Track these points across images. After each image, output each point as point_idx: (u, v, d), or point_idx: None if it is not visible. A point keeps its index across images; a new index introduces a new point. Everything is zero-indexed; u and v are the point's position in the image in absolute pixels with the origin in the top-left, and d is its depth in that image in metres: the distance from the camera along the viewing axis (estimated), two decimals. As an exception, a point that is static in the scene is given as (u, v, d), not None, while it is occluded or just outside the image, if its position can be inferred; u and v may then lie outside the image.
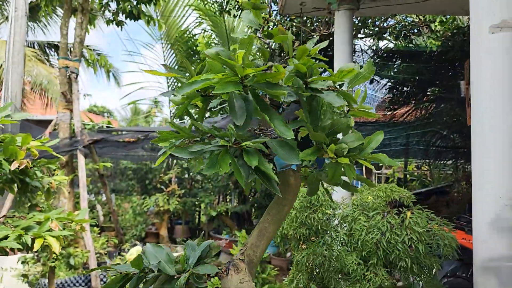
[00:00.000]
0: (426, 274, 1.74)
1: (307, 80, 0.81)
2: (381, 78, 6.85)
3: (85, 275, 4.12)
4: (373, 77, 7.06)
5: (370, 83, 7.28)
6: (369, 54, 6.93)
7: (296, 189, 1.02)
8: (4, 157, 1.47)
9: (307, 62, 0.79)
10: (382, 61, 6.75)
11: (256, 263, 1.04)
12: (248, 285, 0.99)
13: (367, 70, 1.00)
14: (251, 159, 0.74)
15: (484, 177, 1.77)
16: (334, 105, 0.78)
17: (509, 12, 1.73)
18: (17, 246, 1.34)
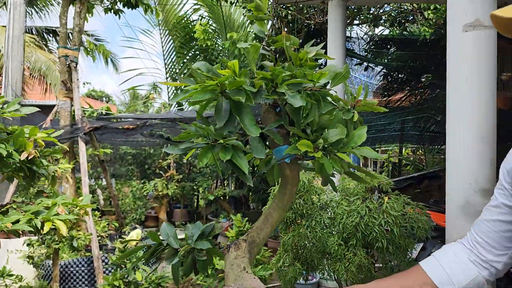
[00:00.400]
0: (402, 254, 1.90)
1: (275, 85, 0.94)
2: (376, 65, 6.96)
3: (87, 257, 4.30)
4: (367, 64, 7.17)
5: (364, 70, 7.40)
6: (364, 40, 7.02)
7: (293, 179, 1.13)
8: (14, 148, 1.61)
9: (275, 70, 0.92)
10: (377, 48, 6.85)
11: (259, 243, 1.18)
12: (241, 261, 1.13)
13: (345, 71, 1.11)
14: (225, 154, 0.88)
15: (457, 166, 1.92)
16: (294, 105, 0.91)
17: (483, 11, 1.85)
18: (29, 229, 1.49)
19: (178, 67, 9.96)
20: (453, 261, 1.13)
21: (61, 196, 1.78)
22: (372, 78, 7.45)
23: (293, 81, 0.95)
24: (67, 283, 4.20)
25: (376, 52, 6.52)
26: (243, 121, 0.87)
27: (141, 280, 3.57)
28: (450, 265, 1.12)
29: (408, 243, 1.87)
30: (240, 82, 0.86)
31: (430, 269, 1.13)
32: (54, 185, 2.13)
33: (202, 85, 0.86)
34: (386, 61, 6.54)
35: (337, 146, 0.99)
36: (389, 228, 1.81)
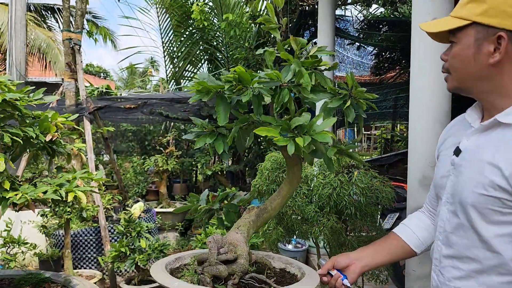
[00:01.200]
0: (369, 219, 2.24)
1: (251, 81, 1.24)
2: (367, 45, 7.19)
3: (95, 227, 4.67)
4: (360, 44, 7.40)
5: (357, 49, 7.63)
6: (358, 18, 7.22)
7: (295, 160, 1.41)
8: (40, 131, 1.92)
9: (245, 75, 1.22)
10: (369, 28, 7.05)
11: (270, 211, 1.46)
12: (243, 222, 1.45)
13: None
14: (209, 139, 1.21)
15: (416, 144, 2.24)
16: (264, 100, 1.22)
17: (440, 10, 2.13)
18: (56, 198, 1.81)
19: (175, 45, 10.13)
20: (419, 226, 1.42)
21: (79, 171, 2.10)
22: (364, 58, 7.68)
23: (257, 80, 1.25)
24: (77, 250, 4.58)
25: (368, 33, 6.74)
26: (218, 113, 1.19)
27: (145, 247, 3.93)
28: (418, 229, 1.41)
29: (374, 210, 2.22)
30: (219, 87, 1.17)
31: (404, 235, 1.41)
32: (69, 162, 2.45)
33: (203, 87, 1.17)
34: (377, 42, 6.77)
35: (302, 130, 1.28)
36: (357, 198, 2.14)
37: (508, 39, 1.03)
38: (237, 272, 1.27)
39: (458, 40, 1.10)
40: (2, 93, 1.80)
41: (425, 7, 2.16)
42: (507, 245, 1.02)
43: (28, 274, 2.40)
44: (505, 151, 1.01)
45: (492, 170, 1.02)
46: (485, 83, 1.09)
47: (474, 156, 1.09)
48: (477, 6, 1.06)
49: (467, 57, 1.09)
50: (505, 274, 1.02)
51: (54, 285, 2.38)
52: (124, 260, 3.95)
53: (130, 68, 20.74)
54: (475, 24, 1.07)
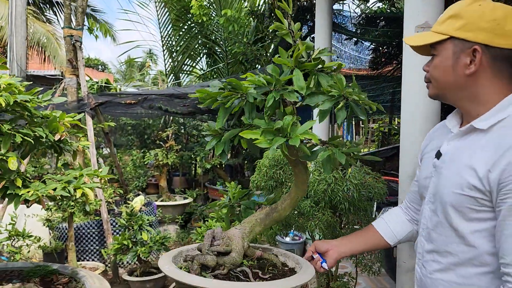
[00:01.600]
0: (362, 213, 2.35)
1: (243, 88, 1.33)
2: (364, 41, 7.27)
3: (97, 220, 4.78)
4: (357, 39, 7.48)
5: (354, 44, 7.71)
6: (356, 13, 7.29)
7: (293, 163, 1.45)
8: (49, 130, 2.02)
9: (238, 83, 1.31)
10: (366, 23, 7.13)
11: (280, 211, 1.54)
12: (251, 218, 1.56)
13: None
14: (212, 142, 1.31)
15: (407, 141, 2.34)
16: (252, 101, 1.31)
17: (431, 15, 2.22)
18: (66, 194, 1.91)
19: (174, 39, 10.19)
20: (395, 221, 1.57)
21: (86, 168, 2.20)
22: (361, 53, 7.77)
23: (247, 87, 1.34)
24: (80, 243, 4.70)
25: (365, 28, 6.82)
26: (218, 118, 1.29)
27: (146, 240, 4.05)
28: (393, 223, 1.56)
29: (366, 205, 2.33)
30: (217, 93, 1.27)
31: (380, 227, 1.57)
32: (75, 159, 2.54)
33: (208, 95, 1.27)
34: (374, 37, 6.85)
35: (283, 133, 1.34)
36: (350, 193, 2.25)
37: (483, 52, 1.14)
38: (227, 264, 1.38)
39: (438, 52, 1.21)
40: (13, 95, 1.90)
41: (416, 10, 2.25)
42: (481, 240, 1.13)
43: (36, 266, 2.50)
44: (480, 154, 1.12)
45: (468, 172, 1.13)
46: (461, 91, 1.20)
47: (453, 159, 1.20)
48: (455, 22, 1.17)
49: (446, 68, 1.19)
50: (479, 265, 1.14)
51: (62, 277, 2.48)
52: (126, 253, 4.07)
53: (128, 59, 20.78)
54: (453, 38, 1.18)
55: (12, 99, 1.84)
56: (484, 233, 1.12)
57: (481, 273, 1.14)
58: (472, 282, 1.15)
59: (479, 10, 1.15)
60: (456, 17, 1.17)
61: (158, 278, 4.14)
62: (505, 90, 1.17)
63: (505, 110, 1.14)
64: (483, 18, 1.13)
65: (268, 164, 2.40)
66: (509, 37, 1.13)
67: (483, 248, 1.13)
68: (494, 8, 1.14)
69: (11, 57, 6.83)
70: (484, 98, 1.18)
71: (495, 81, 1.17)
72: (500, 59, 1.15)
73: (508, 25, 1.12)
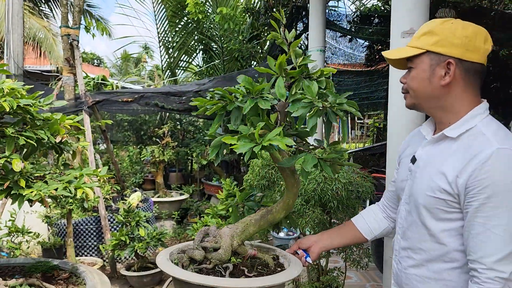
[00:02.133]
0: (350, 211, 2.46)
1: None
2: (359, 38, 7.36)
3: (95, 216, 4.87)
4: (352, 37, 7.57)
5: (349, 41, 7.80)
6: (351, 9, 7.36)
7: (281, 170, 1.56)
8: (50, 133, 2.11)
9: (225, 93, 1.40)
10: (360, 21, 7.21)
11: (274, 213, 1.63)
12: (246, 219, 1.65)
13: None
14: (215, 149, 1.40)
15: (394, 142, 2.45)
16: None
17: (416, 21, 2.32)
18: (67, 194, 2.01)
19: (170, 35, 10.24)
20: (372, 217, 1.69)
21: (86, 168, 2.29)
22: (355, 50, 7.86)
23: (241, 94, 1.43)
24: (79, 238, 4.80)
25: (359, 27, 6.90)
26: (213, 124, 1.38)
27: (143, 236, 4.15)
28: (370, 220, 1.68)
29: (355, 203, 2.43)
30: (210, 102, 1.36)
31: (358, 224, 1.69)
32: (74, 158, 2.64)
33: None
34: (368, 35, 6.94)
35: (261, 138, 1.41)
36: (339, 192, 2.35)
37: (456, 65, 1.25)
38: (213, 259, 1.52)
39: (416, 65, 1.32)
40: (16, 99, 1.99)
41: (402, 16, 2.35)
42: (451, 238, 1.24)
43: (37, 262, 2.60)
44: (450, 161, 1.23)
45: (439, 176, 1.24)
46: (436, 101, 1.31)
47: (426, 164, 1.32)
48: (430, 38, 1.28)
49: (423, 79, 1.30)
50: (448, 261, 1.25)
51: (62, 272, 2.58)
52: (124, 248, 4.17)
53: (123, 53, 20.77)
54: (429, 52, 1.29)
55: (15, 103, 1.93)
56: (453, 232, 1.24)
57: (450, 268, 1.26)
58: (443, 277, 1.27)
59: (451, 27, 1.26)
60: (431, 33, 1.28)
61: (155, 273, 4.25)
62: (474, 101, 1.29)
63: (473, 120, 1.25)
64: (455, 35, 1.25)
65: (261, 164, 2.51)
66: (478, 52, 1.25)
67: (452, 246, 1.24)
68: (464, 26, 1.26)
69: (8, 55, 6.88)
70: (456, 108, 1.29)
71: (466, 92, 1.28)
72: (472, 72, 1.27)
73: (478, 42, 1.25)
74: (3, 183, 1.96)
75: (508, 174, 1.12)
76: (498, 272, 1.13)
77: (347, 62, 8.23)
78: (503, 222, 1.13)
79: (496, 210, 1.13)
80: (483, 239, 1.15)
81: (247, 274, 1.51)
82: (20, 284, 2.23)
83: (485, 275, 1.14)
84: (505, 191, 1.12)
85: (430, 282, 1.30)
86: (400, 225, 1.43)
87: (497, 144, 1.16)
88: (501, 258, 1.13)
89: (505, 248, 1.13)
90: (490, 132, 1.21)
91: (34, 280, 2.31)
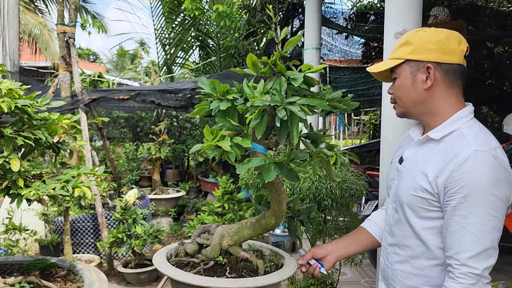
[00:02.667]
0: (344, 209, 2.51)
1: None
2: (355, 35, 7.38)
3: (92, 214, 4.90)
4: (348, 34, 7.59)
5: (345, 38, 7.82)
6: (347, 6, 7.38)
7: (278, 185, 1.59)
8: (48, 133, 2.13)
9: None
10: (356, 19, 7.23)
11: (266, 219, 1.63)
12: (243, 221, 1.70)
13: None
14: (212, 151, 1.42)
15: (387, 142, 2.49)
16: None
17: (409, 22, 2.35)
18: (66, 194, 2.03)
19: (167, 32, 10.24)
20: (382, 221, 1.70)
21: (83, 168, 2.32)
22: (351, 47, 7.89)
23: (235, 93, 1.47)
24: (76, 236, 4.82)
25: (356, 24, 6.92)
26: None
27: (140, 233, 4.18)
28: (382, 223, 1.69)
29: (348, 201, 2.47)
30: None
31: (371, 229, 1.69)
32: (71, 157, 2.67)
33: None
34: (364, 32, 6.96)
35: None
36: (333, 191, 2.39)
37: (435, 68, 1.32)
38: (201, 255, 1.63)
39: (398, 75, 1.38)
40: (14, 99, 2.01)
41: (395, 17, 2.38)
42: (432, 236, 1.31)
43: (35, 260, 2.62)
44: (431, 162, 1.30)
45: (421, 177, 1.30)
46: (422, 106, 1.37)
47: (411, 165, 1.38)
48: (406, 48, 1.36)
49: (407, 86, 1.36)
50: (431, 258, 1.32)
51: (60, 270, 2.61)
52: (121, 246, 4.20)
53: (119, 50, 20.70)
54: (408, 61, 1.36)
55: (13, 104, 1.95)
56: (434, 230, 1.30)
57: (432, 265, 1.32)
58: (425, 273, 1.33)
59: (425, 35, 1.34)
60: (406, 44, 1.36)
61: (152, 270, 4.29)
62: (457, 102, 1.35)
63: (456, 123, 1.32)
64: (429, 41, 1.32)
65: (256, 163, 2.54)
66: (454, 54, 1.32)
67: (433, 243, 1.30)
68: (437, 32, 1.33)
69: (4, 52, 6.87)
70: (440, 110, 1.35)
71: (448, 92, 1.35)
72: (451, 73, 1.33)
73: (452, 44, 1.32)
74: (2, 182, 1.98)
75: (483, 175, 1.18)
76: (471, 268, 1.18)
77: (343, 59, 8.26)
78: (477, 221, 1.18)
79: (471, 209, 1.18)
80: (458, 236, 1.20)
81: (227, 275, 1.55)
82: (19, 282, 2.26)
83: (459, 271, 1.20)
84: (480, 191, 1.18)
85: (414, 278, 1.36)
86: (388, 222, 1.49)
87: (475, 146, 1.21)
88: (474, 255, 1.18)
89: (478, 246, 1.18)
90: (472, 135, 1.26)
91: (33, 277, 2.34)
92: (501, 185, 1.19)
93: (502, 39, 7.00)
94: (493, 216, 1.18)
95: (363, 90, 9.38)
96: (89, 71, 10.98)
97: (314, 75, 4.10)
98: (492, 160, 1.19)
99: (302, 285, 2.75)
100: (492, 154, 1.20)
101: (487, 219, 1.18)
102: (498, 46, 7.44)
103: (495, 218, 1.19)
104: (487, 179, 1.17)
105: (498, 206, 1.19)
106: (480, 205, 1.18)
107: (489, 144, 1.23)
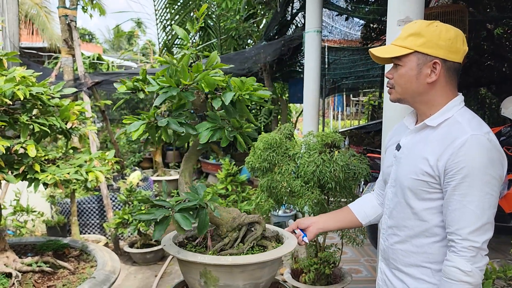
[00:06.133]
0: (347, 191, 2.60)
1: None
2: (355, 17, 7.37)
3: (97, 195, 5.00)
4: (348, 15, 7.57)
5: (345, 20, 7.81)
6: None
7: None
8: (61, 119, 2.19)
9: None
10: (356, 3, 7.20)
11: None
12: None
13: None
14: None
15: (389, 126, 2.55)
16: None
17: (411, 10, 2.39)
18: (81, 178, 2.11)
19: (169, 12, 10.14)
20: (367, 204, 1.84)
21: (95, 152, 2.39)
22: (351, 29, 7.88)
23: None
24: (81, 217, 4.93)
25: (355, 6, 6.90)
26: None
27: (146, 214, 4.27)
28: (367, 206, 1.83)
29: (351, 184, 2.56)
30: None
31: (355, 209, 1.84)
32: (81, 142, 2.73)
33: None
34: (364, 14, 6.95)
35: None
36: (336, 174, 2.48)
37: (441, 65, 1.37)
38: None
39: (404, 63, 1.44)
40: (28, 87, 2.06)
41: (397, 5, 2.42)
42: (432, 215, 1.42)
43: (48, 241, 2.72)
44: (431, 147, 1.39)
45: (421, 161, 1.40)
46: (421, 96, 1.45)
47: (409, 151, 1.47)
48: (417, 39, 1.41)
49: (410, 76, 1.43)
50: (430, 236, 1.43)
51: (73, 250, 2.70)
52: (126, 226, 4.30)
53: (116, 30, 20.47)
54: (416, 53, 1.42)
55: (27, 91, 2.01)
56: (434, 210, 1.40)
57: (432, 243, 1.43)
58: (425, 250, 1.44)
59: (436, 30, 1.39)
60: (418, 35, 1.41)
61: (158, 249, 4.41)
62: (451, 94, 1.44)
63: (450, 111, 1.41)
64: (440, 37, 1.38)
65: (263, 147, 2.61)
66: (458, 53, 1.40)
67: (433, 222, 1.41)
68: (447, 29, 1.40)
69: (3, 34, 6.85)
70: (436, 101, 1.44)
71: (446, 87, 1.43)
72: (452, 70, 1.42)
73: (458, 44, 1.40)
74: (19, 167, 2.05)
75: (480, 157, 1.28)
76: (472, 242, 1.29)
77: (343, 39, 8.25)
78: (476, 199, 1.29)
79: (470, 189, 1.29)
80: (459, 214, 1.31)
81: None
82: (36, 262, 2.35)
83: (461, 245, 1.30)
84: (477, 172, 1.28)
85: (414, 255, 1.47)
86: (387, 206, 1.59)
87: (471, 131, 1.31)
88: (474, 230, 1.29)
89: (477, 221, 1.29)
90: (465, 121, 1.36)
91: (48, 258, 2.43)
92: (496, 166, 1.30)
93: (501, 20, 7.00)
94: (489, 194, 1.29)
95: (362, 72, 9.41)
96: (88, 52, 10.93)
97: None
98: (487, 143, 1.29)
99: (305, 264, 2.86)
100: (486, 137, 1.30)
101: (485, 197, 1.29)
102: (498, 28, 7.45)
103: (491, 196, 1.30)
104: (484, 160, 1.28)
105: (493, 185, 1.29)
106: (478, 184, 1.28)
107: (483, 129, 1.33)
